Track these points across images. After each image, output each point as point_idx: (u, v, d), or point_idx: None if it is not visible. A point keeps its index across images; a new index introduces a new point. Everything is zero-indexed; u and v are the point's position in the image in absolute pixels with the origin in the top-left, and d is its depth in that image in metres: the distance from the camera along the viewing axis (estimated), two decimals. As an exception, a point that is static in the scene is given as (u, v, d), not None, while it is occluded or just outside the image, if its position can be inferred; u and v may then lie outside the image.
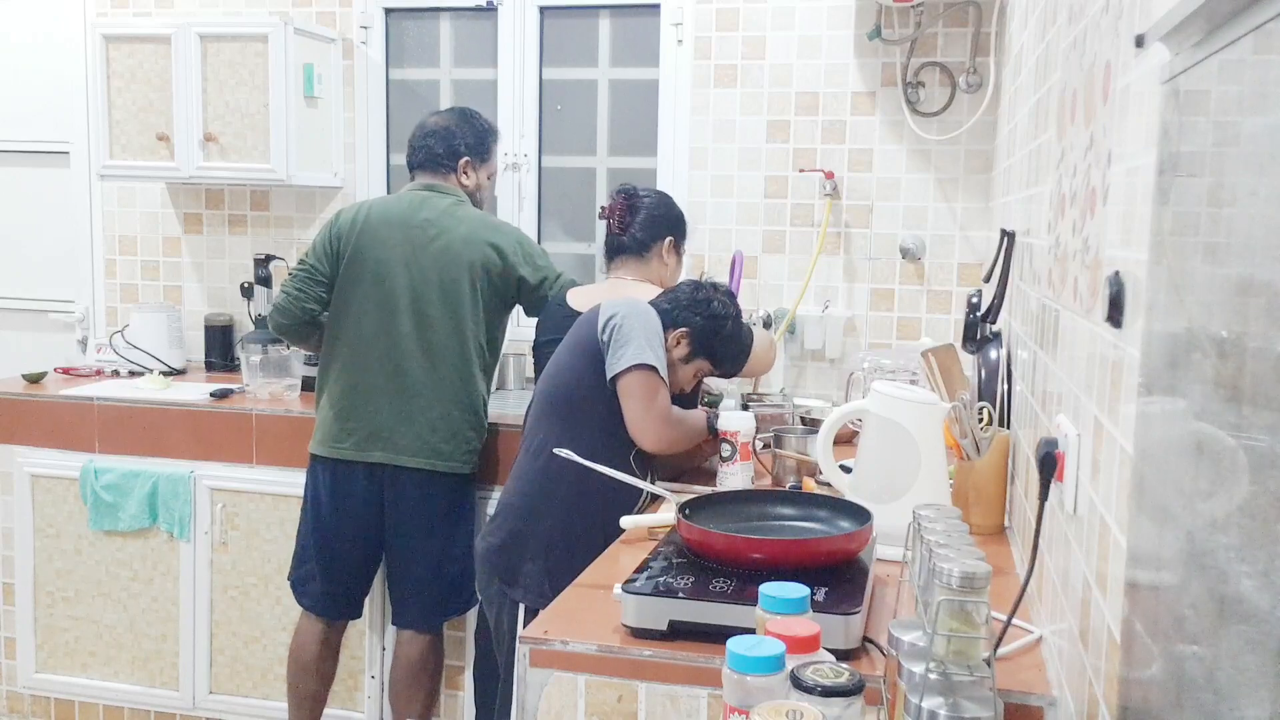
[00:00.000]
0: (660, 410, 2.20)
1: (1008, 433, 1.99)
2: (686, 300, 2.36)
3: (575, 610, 1.60)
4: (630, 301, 2.32)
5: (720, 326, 2.35)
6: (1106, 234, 1.15)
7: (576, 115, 3.54)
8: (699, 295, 2.36)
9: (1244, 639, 0.64)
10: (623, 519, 1.96)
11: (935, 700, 1.07)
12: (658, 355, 2.21)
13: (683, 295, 2.37)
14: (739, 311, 2.44)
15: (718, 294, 2.40)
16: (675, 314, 2.33)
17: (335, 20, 3.59)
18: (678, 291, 2.40)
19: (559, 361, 2.34)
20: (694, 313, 2.34)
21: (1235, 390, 0.69)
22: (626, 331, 2.22)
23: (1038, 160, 1.87)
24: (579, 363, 2.27)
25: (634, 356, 2.19)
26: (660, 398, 2.21)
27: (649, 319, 2.26)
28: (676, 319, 2.33)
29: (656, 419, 2.19)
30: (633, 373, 2.19)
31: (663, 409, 2.21)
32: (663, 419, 2.20)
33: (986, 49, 3.06)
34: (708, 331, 2.34)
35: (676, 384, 2.37)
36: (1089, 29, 1.35)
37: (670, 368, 2.31)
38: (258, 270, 3.59)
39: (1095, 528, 1.14)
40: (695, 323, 2.33)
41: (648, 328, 2.24)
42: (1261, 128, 0.67)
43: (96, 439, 3.18)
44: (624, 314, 2.25)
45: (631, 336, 2.21)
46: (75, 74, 3.74)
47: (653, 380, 2.20)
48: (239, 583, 3.11)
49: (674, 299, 2.37)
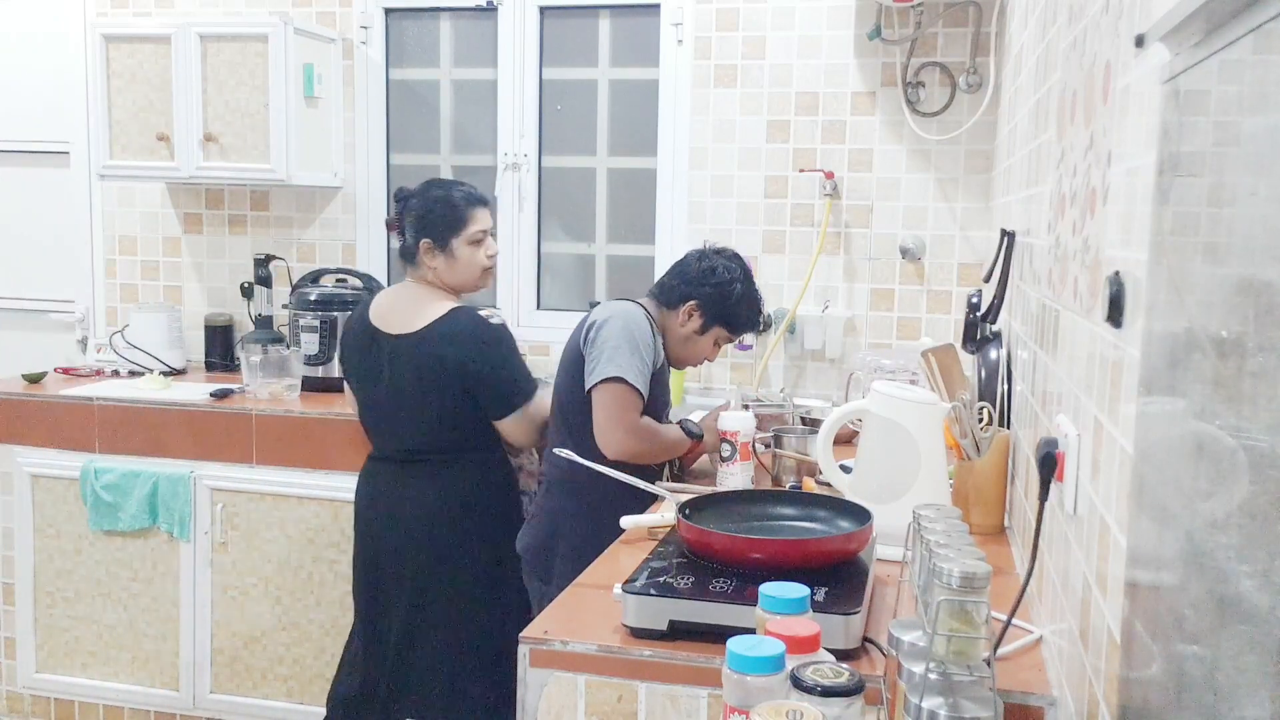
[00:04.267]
0: (626, 424, 2.24)
1: (1008, 433, 1.99)
2: (692, 273, 2.39)
3: (575, 610, 1.60)
4: (614, 307, 2.35)
5: (729, 292, 2.38)
6: (1106, 234, 1.15)
7: (576, 115, 3.53)
8: (703, 265, 2.39)
9: (1244, 639, 0.64)
10: (623, 519, 1.96)
11: (935, 700, 1.07)
12: (633, 364, 2.24)
13: (688, 268, 2.40)
14: (747, 272, 2.46)
15: (721, 259, 2.43)
16: (682, 289, 2.38)
17: (335, 20, 3.59)
18: (684, 265, 2.43)
19: (560, 367, 2.41)
20: (700, 284, 2.37)
21: (1235, 390, 0.69)
22: (600, 343, 2.27)
23: (1038, 160, 1.87)
24: (572, 370, 2.34)
25: (604, 370, 2.24)
26: (628, 411, 2.25)
27: (629, 323, 2.28)
28: (684, 294, 2.38)
29: (620, 431, 2.23)
30: (602, 386, 2.25)
31: (629, 422, 2.24)
32: (628, 431, 2.24)
33: (986, 49, 3.06)
34: (717, 299, 2.37)
35: (697, 356, 2.46)
36: (1089, 29, 1.35)
37: (686, 341, 2.40)
38: (258, 270, 3.59)
39: (1095, 528, 1.14)
40: (703, 294, 2.37)
41: (627, 334, 2.27)
42: (1261, 128, 0.67)
43: (96, 439, 3.18)
44: (600, 322, 2.30)
45: (604, 348, 2.26)
46: (75, 74, 3.74)
47: (621, 393, 2.24)
48: (239, 583, 3.11)
49: (680, 273, 2.40)
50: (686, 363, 2.50)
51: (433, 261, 2.50)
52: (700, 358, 2.46)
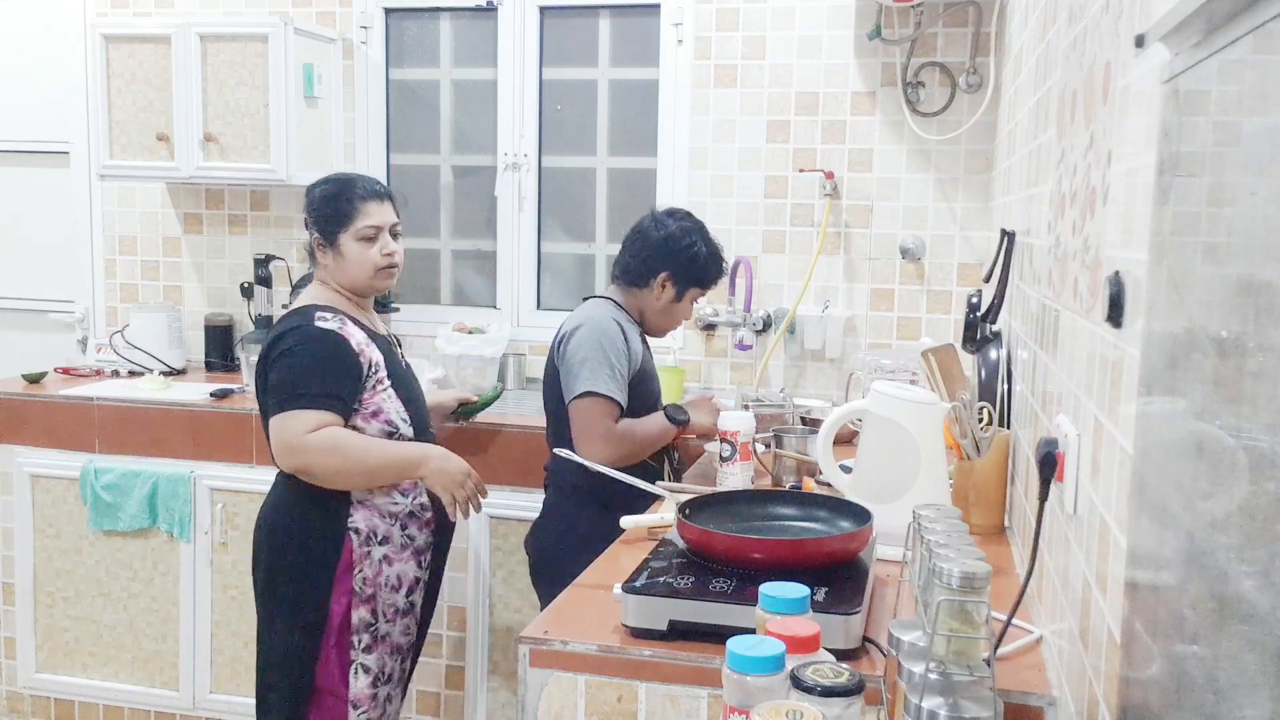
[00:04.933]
0: (601, 433, 2.30)
1: (1008, 433, 1.99)
2: (654, 245, 2.43)
3: (575, 610, 1.60)
4: (582, 314, 2.42)
5: (695, 254, 2.44)
6: (1106, 234, 1.15)
7: (576, 115, 3.53)
8: (662, 234, 2.44)
9: (1244, 639, 0.64)
10: (623, 519, 1.97)
11: (935, 700, 1.07)
12: (602, 373, 2.30)
13: (648, 241, 2.45)
14: (700, 225, 2.51)
15: (674, 221, 2.47)
16: (648, 264, 2.43)
17: (335, 20, 3.59)
18: (642, 238, 2.46)
19: (543, 380, 2.48)
20: (665, 254, 2.43)
21: (1235, 390, 0.69)
22: (570, 357, 2.34)
23: (1038, 160, 1.87)
24: (551, 380, 2.42)
25: (575, 387, 2.31)
26: (602, 420, 2.30)
27: (596, 332, 2.33)
28: (652, 268, 2.43)
29: (598, 443, 2.28)
30: (575, 403, 2.32)
31: (604, 432, 2.30)
32: (605, 441, 2.29)
33: (986, 49, 3.06)
34: (685, 264, 2.44)
35: (678, 319, 2.52)
36: (1089, 29, 1.35)
37: (664, 311, 2.47)
38: (258, 270, 3.59)
39: (1095, 528, 1.14)
40: (671, 263, 2.43)
41: (595, 344, 2.32)
42: (1261, 128, 0.67)
43: (96, 439, 3.18)
44: (569, 333, 2.37)
45: (573, 362, 2.33)
46: (75, 74, 3.74)
47: (594, 405, 2.31)
48: (239, 583, 3.11)
49: (640, 249, 2.45)
50: (670, 329, 2.56)
51: (325, 259, 2.29)
52: (681, 320, 2.53)
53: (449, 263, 3.71)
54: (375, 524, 2.23)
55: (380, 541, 2.24)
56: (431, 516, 2.32)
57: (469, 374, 3.33)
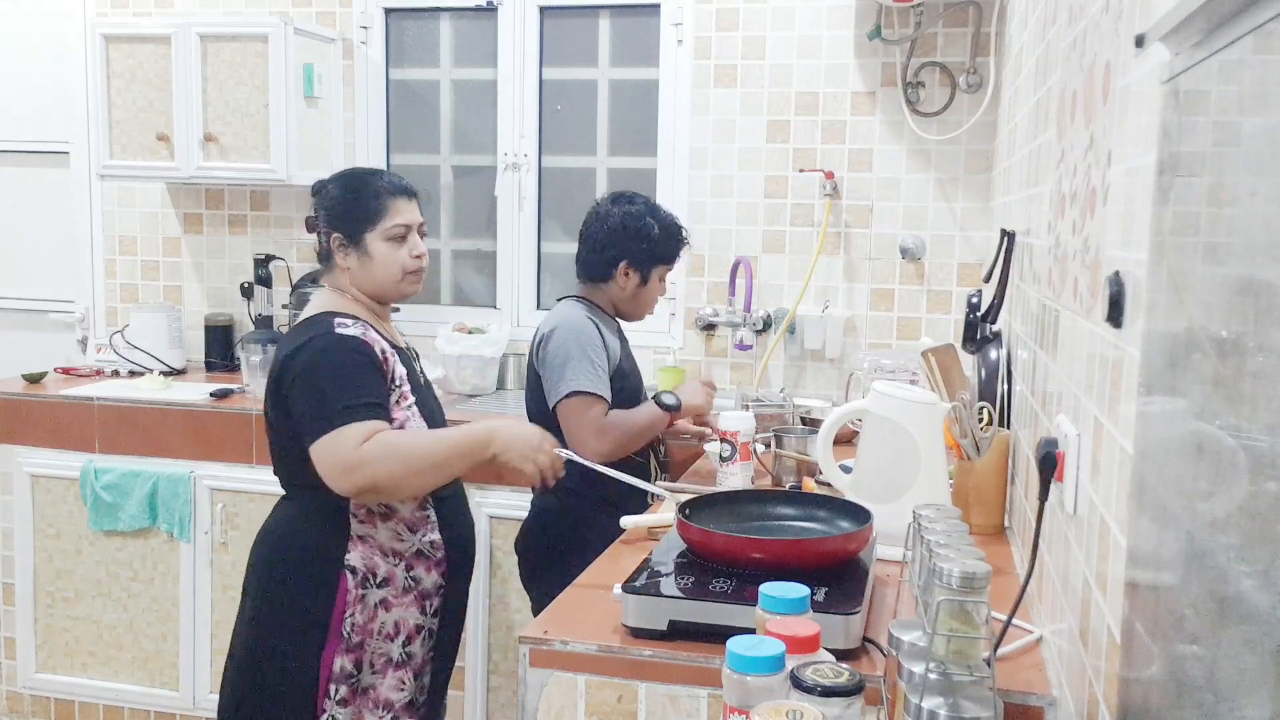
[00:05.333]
0: (592, 428, 2.29)
1: (1008, 433, 1.99)
2: (604, 236, 2.43)
3: (575, 610, 1.60)
4: (556, 316, 2.41)
5: (648, 234, 2.43)
6: (1106, 234, 1.15)
7: (576, 115, 3.53)
8: (610, 225, 2.44)
9: (1244, 639, 0.64)
10: (623, 519, 1.97)
11: (935, 700, 1.07)
12: (583, 370, 2.30)
13: (599, 233, 2.44)
14: (649, 202, 2.50)
15: (619, 207, 2.46)
16: (605, 255, 2.43)
17: (335, 20, 3.59)
18: (592, 232, 2.46)
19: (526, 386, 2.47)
20: (617, 242, 2.42)
21: (1235, 390, 0.69)
22: (549, 361, 2.34)
23: (1038, 160, 1.87)
24: (533, 388, 2.42)
25: (558, 390, 2.31)
26: (590, 415, 2.30)
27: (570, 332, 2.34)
28: (609, 259, 2.43)
29: (591, 438, 2.28)
30: (561, 405, 2.31)
31: (594, 426, 2.30)
32: (596, 435, 2.29)
33: (986, 49, 3.06)
34: (639, 247, 2.43)
35: (651, 302, 2.51)
36: (1089, 29, 1.35)
37: (635, 298, 2.47)
38: (258, 270, 3.60)
39: (1095, 528, 1.14)
40: (626, 249, 2.42)
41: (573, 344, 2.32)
42: (1261, 128, 0.67)
43: (96, 439, 3.18)
44: (545, 337, 2.37)
45: (552, 366, 2.33)
46: (75, 74, 3.74)
47: (579, 403, 2.31)
48: (239, 583, 3.09)
49: (593, 243, 2.45)
50: (645, 313, 2.55)
51: (345, 261, 2.05)
52: (654, 301, 2.52)
53: (449, 263, 3.71)
54: (375, 563, 1.98)
55: (379, 584, 1.98)
56: (443, 557, 2.05)
57: (469, 374, 3.33)
